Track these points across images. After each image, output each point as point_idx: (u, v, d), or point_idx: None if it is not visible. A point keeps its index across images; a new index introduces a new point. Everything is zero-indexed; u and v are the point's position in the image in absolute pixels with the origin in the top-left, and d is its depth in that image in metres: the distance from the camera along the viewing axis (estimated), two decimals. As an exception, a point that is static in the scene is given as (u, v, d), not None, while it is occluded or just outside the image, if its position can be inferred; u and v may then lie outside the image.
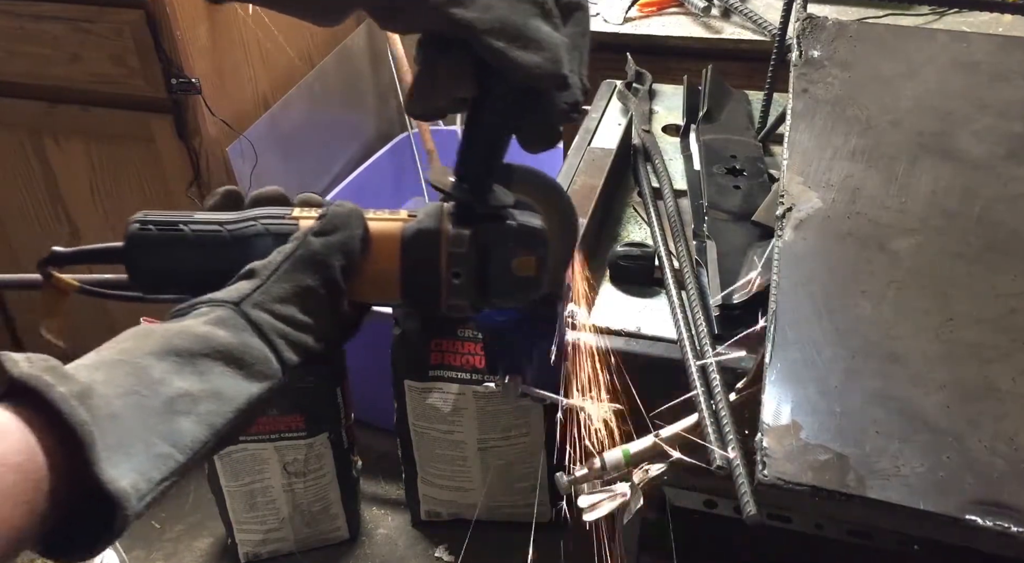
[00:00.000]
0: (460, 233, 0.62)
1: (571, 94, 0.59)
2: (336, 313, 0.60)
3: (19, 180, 2.08)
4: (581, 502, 0.84)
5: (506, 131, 0.62)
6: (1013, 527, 0.63)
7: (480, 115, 0.61)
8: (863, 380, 0.73)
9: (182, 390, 0.52)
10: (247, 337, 0.56)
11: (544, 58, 0.56)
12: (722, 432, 0.77)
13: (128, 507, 0.47)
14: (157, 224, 0.63)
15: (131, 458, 0.48)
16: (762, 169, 1.15)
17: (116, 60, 1.82)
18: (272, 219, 0.64)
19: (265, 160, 2.04)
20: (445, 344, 1.83)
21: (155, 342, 0.53)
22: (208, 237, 0.63)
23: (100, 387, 0.49)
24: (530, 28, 0.56)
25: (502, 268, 0.63)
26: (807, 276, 0.82)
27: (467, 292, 0.63)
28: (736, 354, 0.85)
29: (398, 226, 0.63)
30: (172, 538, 2.08)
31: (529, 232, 0.63)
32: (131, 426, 0.49)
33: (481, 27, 0.55)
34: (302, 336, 0.58)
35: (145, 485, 0.49)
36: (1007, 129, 0.97)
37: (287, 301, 0.58)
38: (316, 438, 1.89)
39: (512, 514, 2.02)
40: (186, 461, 0.51)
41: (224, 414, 0.53)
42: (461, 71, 0.58)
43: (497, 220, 0.63)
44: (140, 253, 0.63)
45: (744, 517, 0.70)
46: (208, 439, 0.52)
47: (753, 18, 1.65)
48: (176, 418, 0.51)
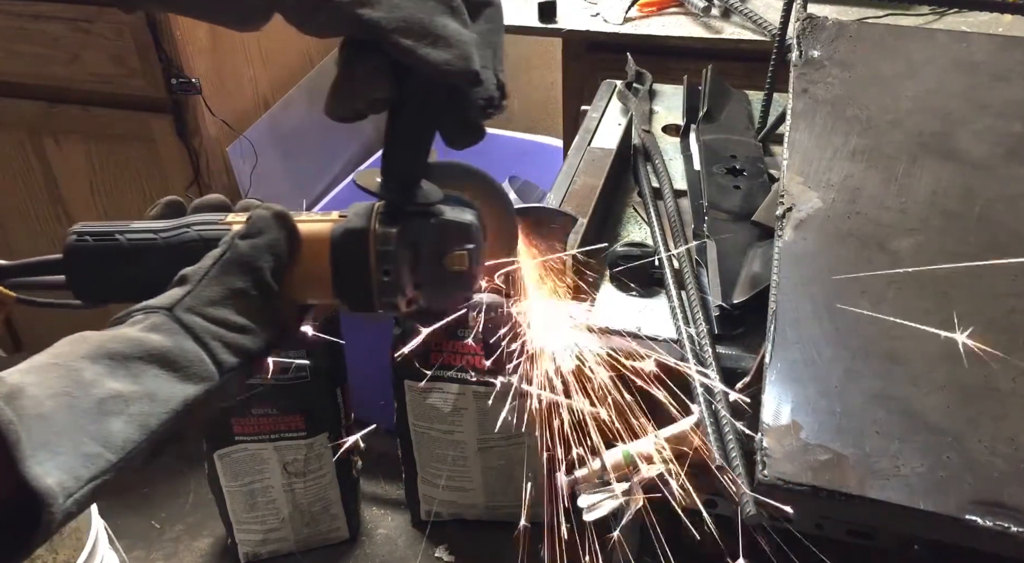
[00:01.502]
0: (387, 231, 0.63)
1: (485, 90, 0.60)
2: (271, 313, 0.61)
3: (19, 180, 2.08)
4: (581, 502, 0.84)
5: (427, 129, 0.63)
6: (1013, 527, 0.63)
7: (400, 114, 0.62)
8: (863, 380, 0.73)
9: (114, 391, 0.52)
10: (181, 340, 0.56)
11: (453, 55, 0.57)
12: (721, 432, 0.77)
13: (54, 504, 0.48)
14: (94, 235, 0.65)
15: (58, 457, 0.49)
16: (762, 169, 1.15)
17: (116, 60, 1.82)
18: (205, 225, 0.65)
19: (265, 160, 2.04)
20: (445, 344, 1.83)
21: (89, 347, 0.54)
22: (143, 245, 0.64)
23: (30, 388, 0.50)
24: (437, 26, 0.57)
25: (433, 264, 0.64)
26: (807, 276, 0.82)
27: (399, 290, 0.63)
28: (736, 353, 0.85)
29: (327, 226, 0.64)
30: (172, 538, 2.08)
31: (458, 226, 0.64)
32: (60, 426, 0.50)
33: (388, 26, 0.56)
34: (237, 337, 0.59)
35: (73, 483, 0.49)
36: (1007, 129, 0.97)
37: (219, 304, 0.59)
38: (316, 438, 1.89)
39: (512, 514, 2.02)
40: (117, 461, 0.51)
41: (158, 415, 0.54)
42: (377, 72, 0.59)
43: (425, 216, 0.64)
44: (78, 264, 0.65)
45: (744, 517, 0.70)
46: (141, 439, 0.53)
47: (753, 18, 1.65)
48: (107, 418, 0.52)
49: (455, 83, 0.59)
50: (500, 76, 0.61)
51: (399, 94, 0.60)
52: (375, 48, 0.58)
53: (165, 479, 2.18)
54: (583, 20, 1.77)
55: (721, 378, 0.83)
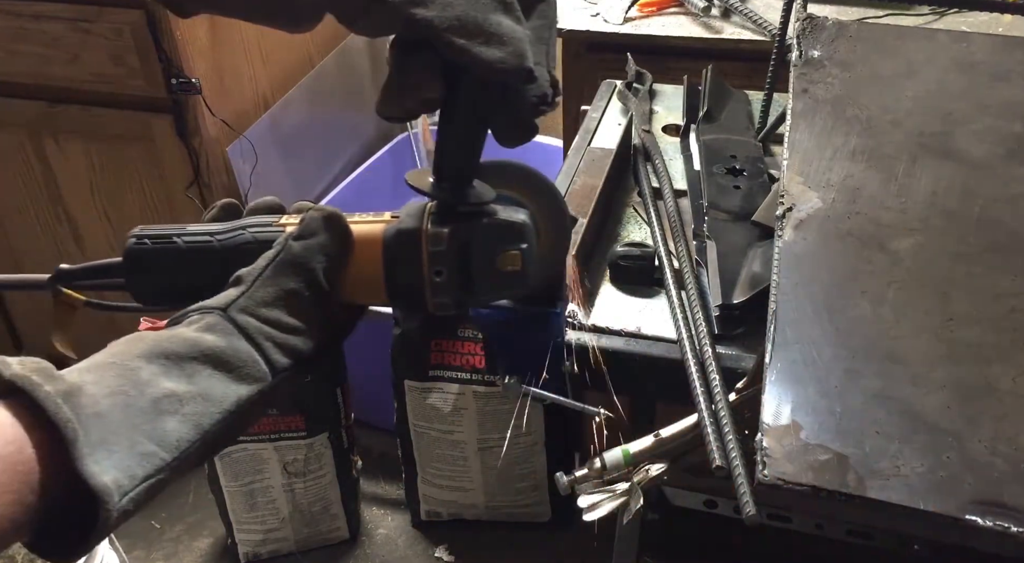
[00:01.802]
0: (439, 231, 0.62)
1: (538, 87, 0.60)
2: (323, 315, 0.61)
3: (19, 180, 2.08)
4: (581, 502, 0.84)
5: (479, 128, 0.62)
6: (1013, 527, 0.63)
7: (451, 114, 0.61)
8: (863, 380, 0.73)
9: (169, 390, 0.53)
10: (235, 341, 0.57)
11: (507, 53, 0.56)
12: (722, 432, 0.77)
13: (110, 503, 0.48)
14: (152, 238, 0.66)
15: (114, 455, 0.49)
16: (762, 169, 1.15)
17: (116, 60, 1.82)
18: (259, 227, 0.66)
19: (265, 160, 2.04)
20: (445, 344, 1.83)
21: (145, 346, 0.55)
22: (200, 248, 0.65)
23: (88, 387, 0.50)
24: (491, 23, 0.56)
25: (485, 264, 0.63)
26: (807, 276, 0.82)
27: (451, 290, 0.63)
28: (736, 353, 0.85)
29: (380, 227, 0.64)
30: (172, 538, 2.08)
31: (510, 226, 0.63)
32: (116, 424, 0.50)
33: (441, 25, 0.55)
34: (290, 338, 0.59)
35: (128, 482, 0.49)
36: (1007, 129, 0.97)
37: (272, 305, 0.59)
38: (316, 438, 1.89)
39: (512, 514, 2.02)
40: (172, 460, 0.52)
41: (212, 415, 0.54)
42: (429, 71, 0.58)
43: (477, 216, 0.64)
44: (137, 267, 0.66)
45: (743, 517, 0.70)
46: (195, 438, 0.53)
47: (753, 18, 1.65)
48: (162, 417, 0.52)
49: (510, 81, 0.58)
50: (553, 73, 0.61)
51: (451, 93, 0.59)
52: (427, 46, 0.57)
53: (165, 479, 2.17)
54: (583, 20, 1.77)
55: (721, 378, 0.83)
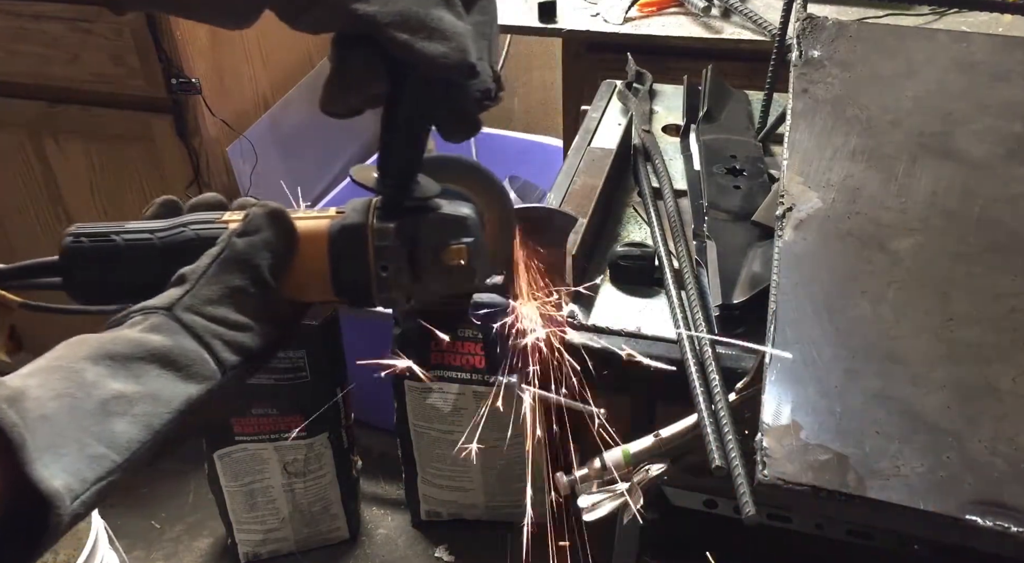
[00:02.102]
0: (384, 226, 0.63)
1: (481, 82, 0.60)
2: (270, 311, 0.61)
3: (19, 180, 2.08)
4: (581, 502, 0.84)
5: (423, 123, 0.62)
6: (1013, 527, 0.63)
7: (395, 109, 0.62)
8: (863, 380, 0.73)
9: (116, 392, 0.52)
10: (182, 340, 0.56)
11: (449, 48, 0.56)
12: (722, 432, 0.77)
13: (62, 507, 0.47)
14: (89, 236, 0.64)
15: (63, 458, 0.49)
16: (762, 169, 1.15)
17: (116, 60, 1.82)
18: (202, 224, 0.65)
19: (265, 160, 2.04)
20: (445, 344, 1.83)
21: (90, 348, 0.54)
22: (139, 246, 0.64)
23: (33, 391, 0.50)
24: (432, 18, 0.56)
25: (431, 258, 0.63)
26: (807, 276, 0.82)
27: (398, 284, 0.63)
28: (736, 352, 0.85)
29: (325, 223, 0.64)
30: (172, 538, 2.08)
31: (455, 220, 0.64)
32: (64, 427, 0.49)
33: (383, 20, 0.56)
34: (237, 335, 0.58)
35: (79, 485, 0.49)
36: (1007, 129, 0.97)
37: (218, 302, 0.58)
38: (316, 438, 1.89)
39: (512, 514, 2.02)
40: (123, 461, 0.51)
41: (161, 415, 0.54)
42: (372, 67, 0.58)
43: (423, 211, 0.64)
44: (74, 266, 0.64)
45: (743, 517, 0.70)
46: (146, 439, 0.53)
47: (753, 18, 1.65)
48: (111, 419, 0.51)
49: (452, 76, 0.58)
50: (495, 68, 0.61)
51: (394, 88, 0.60)
52: (369, 42, 0.57)
53: (165, 479, 2.18)
54: (583, 20, 1.77)
55: (721, 378, 0.83)
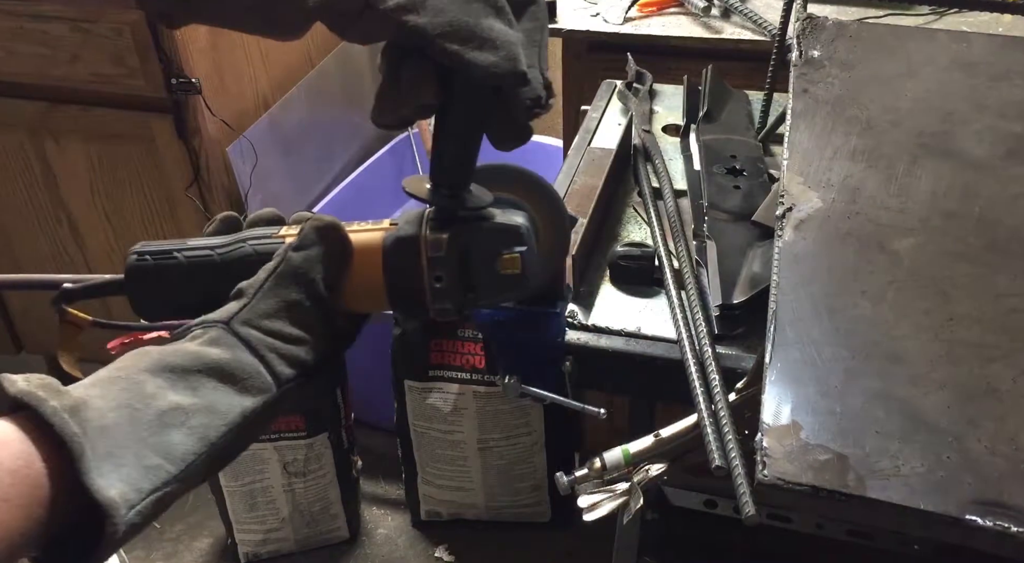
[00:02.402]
0: (437, 237, 0.63)
1: (532, 90, 0.60)
2: (326, 324, 0.61)
3: (19, 180, 2.08)
4: (581, 502, 0.84)
5: (475, 132, 0.62)
6: (1013, 527, 0.63)
7: (447, 119, 0.62)
8: (863, 380, 0.73)
9: (174, 404, 0.53)
10: (239, 353, 0.57)
11: (500, 57, 0.56)
12: (721, 432, 0.77)
13: (117, 516, 0.48)
14: (153, 254, 0.66)
15: (121, 469, 0.49)
16: (762, 169, 1.15)
17: (116, 60, 1.82)
18: (260, 239, 0.66)
19: (265, 160, 2.04)
20: (445, 344, 1.83)
21: (150, 360, 0.55)
22: (200, 262, 0.65)
23: (94, 401, 0.51)
24: (483, 28, 0.56)
25: (485, 268, 0.64)
26: (807, 276, 0.82)
27: (452, 295, 0.63)
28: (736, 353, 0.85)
29: (379, 235, 0.64)
30: (172, 538, 2.08)
31: (508, 230, 0.64)
32: (122, 438, 0.50)
33: (433, 31, 0.55)
34: (293, 349, 0.59)
35: (135, 495, 0.49)
36: (1007, 129, 0.97)
37: (274, 316, 0.59)
38: (316, 438, 1.89)
39: (512, 514, 2.02)
40: (178, 473, 0.52)
41: (218, 427, 0.54)
42: (423, 77, 0.58)
43: (476, 221, 0.64)
44: (139, 284, 0.66)
45: (743, 517, 0.70)
46: (201, 451, 0.53)
47: (753, 18, 1.65)
48: (168, 430, 0.52)
49: (504, 85, 0.58)
50: (546, 74, 0.61)
51: (445, 98, 0.59)
52: (420, 53, 0.57)
53: (165, 479, 2.17)
54: (583, 20, 1.77)
55: (721, 378, 0.83)
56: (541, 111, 0.61)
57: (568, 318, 0.95)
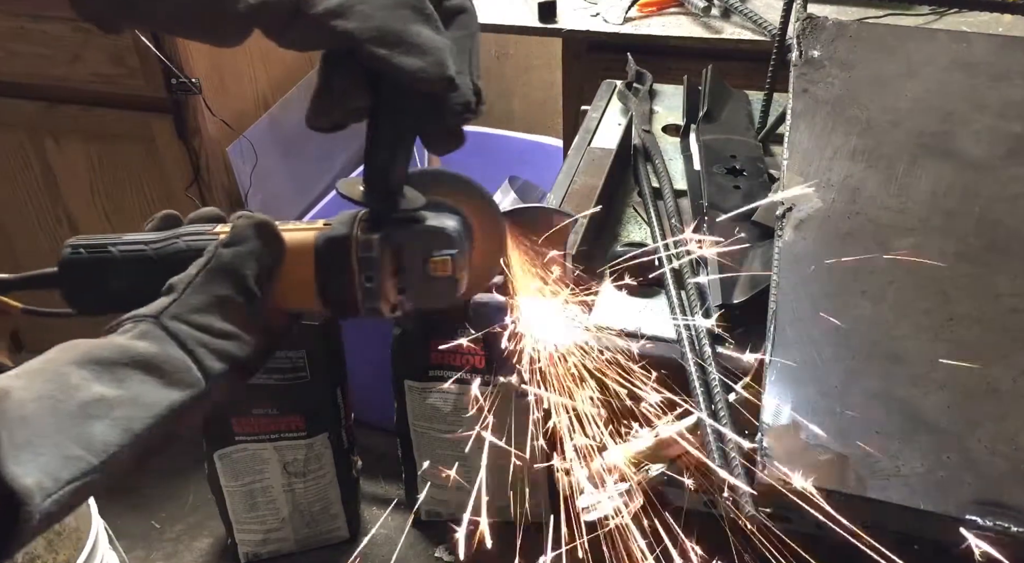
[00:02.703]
0: (368, 238, 0.64)
1: (461, 95, 0.61)
2: (257, 320, 0.62)
3: (19, 180, 2.08)
4: (581, 502, 0.84)
5: (406, 136, 0.64)
6: (1013, 527, 0.63)
7: (378, 123, 0.63)
8: (863, 380, 0.73)
9: (98, 395, 0.53)
10: (167, 347, 0.57)
11: (427, 62, 0.58)
12: (721, 432, 0.77)
13: (31, 504, 0.48)
14: (87, 247, 0.66)
15: (39, 458, 0.49)
16: (762, 169, 1.15)
17: (116, 60, 1.82)
18: (194, 235, 0.67)
19: (265, 160, 2.04)
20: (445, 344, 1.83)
21: (77, 352, 0.55)
22: (134, 256, 0.66)
23: (16, 392, 0.51)
24: (410, 33, 0.58)
25: (415, 269, 0.65)
26: (807, 276, 0.82)
27: (383, 295, 0.64)
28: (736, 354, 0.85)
29: (312, 234, 0.65)
30: (172, 538, 2.08)
31: (439, 232, 0.65)
32: (43, 428, 0.51)
33: (361, 36, 0.57)
34: (223, 344, 0.59)
35: (52, 484, 0.50)
36: (1007, 129, 0.97)
37: (204, 311, 0.59)
38: (316, 438, 1.89)
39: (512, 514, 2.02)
40: (99, 463, 0.52)
41: (143, 419, 0.54)
42: (354, 82, 0.60)
43: (408, 223, 0.65)
44: (72, 276, 0.67)
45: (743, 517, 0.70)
46: (124, 442, 0.53)
47: (753, 18, 1.65)
48: (90, 422, 0.52)
49: (432, 90, 0.59)
50: (477, 81, 0.62)
51: (377, 103, 0.61)
52: (351, 58, 0.59)
53: (165, 479, 2.17)
54: (583, 20, 1.77)
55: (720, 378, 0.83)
56: (471, 116, 0.63)
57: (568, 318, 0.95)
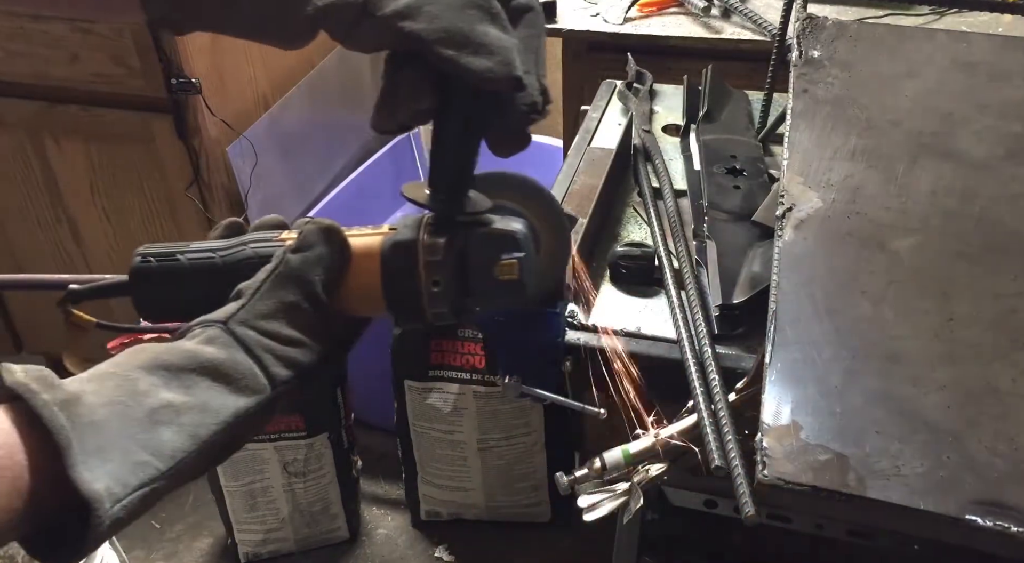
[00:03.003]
0: (435, 242, 0.63)
1: (528, 95, 0.60)
2: (324, 327, 0.62)
3: (19, 180, 2.08)
4: (581, 502, 0.84)
5: (472, 138, 0.63)
6: (1013, 527, 0.63)
7: (444, 125, 0.62)
8: (863, 380, 0.73)
9: (166, 401, 0.53)
10: (235, 353, 0.58)
11: (495, 62, 0.57)
12: (721, 432, 0.77)
13: (100, 509, 0.49)
14: (157, 256, 0.67)
15: (108, 463, 0.50)
16: (762, 169, 1.15)
17: (116, 60, 1.82)
18: (260, 242, 0.67)
19: (265, 160, 2.04)
20: (445, 344, 1.83)
21: (146, 357, 0.56)
22: (203, 264, 0.66)
23: (87, 397, 0.51)
24: (477, 34, 0.57)
25: (482, 273, 0.64)
26: (807, 276, 0.82)
27: (449, 299, 0.64)
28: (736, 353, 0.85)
29: (378, 240, 0.65)
30: (172, 538, 2.08)
31: (506, 235, 0.64)
32: (112, 433, 0.51)
33: (429, 37, 0.56)
34: (289, 350, 0.59)
35: (120, 489, 0.50)
36: (1007, 129, 0.97)
37: (271, 317, 0.59)
38: (316, 438, 1.89)
39: (512, 514, 2.02)
40: (166, 469, 0.53)
41: (208, 426, 0.55)
42: (420, 84, 0.59)
43: (474, 226, 0.64)
44: (142, 285, 0.67)
45: (743, 517, 0.70)
46: (191, 449, 0.54)
47: (753, 18, 1.65)
48: (158, 428, 0.53)
49: (499, 90, 0.59)
50: (543, 81, 0.62)
51: (442, 104, 0.60)
52: (417, 59, 0.58)
53: (165, 479, 2.17)
54: (583, 20, 1.77)
55: (720, 378, 0.83)
56: (538, 117, 0.62)
57: (568, 318, 0.95)
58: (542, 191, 0.70)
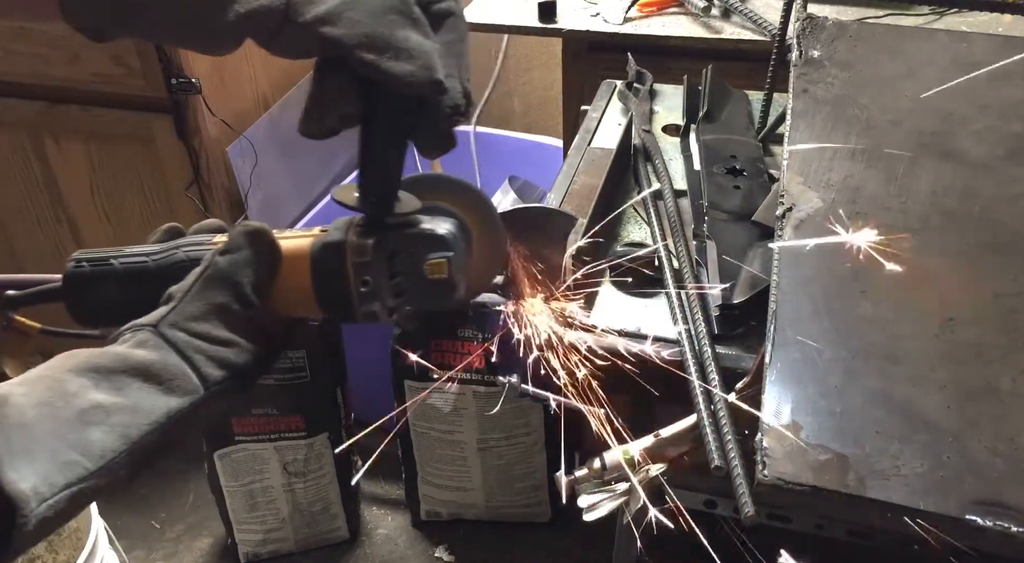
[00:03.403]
0: (363, 243, 0.64)
1: (450, 98, 0.61)
2: (256, 327, 0.62)
3: (19, 180, 2.08)
4: (581, 502, 0.84)
5: (398, 141, 0.64)
6: (1013, 527, 0.63)
7: (371, 129, 0.63)
8: (863, 380, 0.73)
9: (95, 402, 0.54)
10: (166, 355, 0.58)
11: (416, 66, 0.58)
12: (721, 432, 0.77)
13: (26, 508, 0.49)
14: (91, 261, 0.68)
15: (35, 463, 0.50)
16: (762, 169, 1.15)
17: (116, 60, 1.82)
18: (193, 246, 0.68)
19: (265, 160, 2.04)
20: (445, 344, 1.83)
21: (77, 361, 0.56)
22: (136, 268, 0.67)
23: (15, 398, 0.52)
24: (398, 39, 0.58)
25: (412, 272, 0.65)
26: (807, 276, 0.82)
27: (379, 299, 0.64)
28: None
29: (308, 241, 0.66)
30: (172, 538, 2.08)
31: (433, 235, 0.65)
32: (40, 434, 0.51)
33: (350, 42, 0.57)
34: (221, 351, 0.60)
35: (47, 489, 0.50)
36: (1007, 129, 0.97)
37: (201, 319, 0.60)
38: (316, 438, 1.89)
39: (512, 514, 2.02)
40: (96, 469, 0.53)
41: (140, 426, 0.55)
42: (345, 88, 0.60)
43: (403, 227, 0.65)
44: (77, 290, 0.68)
45: (743, 517, 0.70)
46: (121, 448, 0.54)
47: (753, 18, 1.65)
48: (87, 428, 0.53)
49: (421, 94, 0.60)
50: (466, 84, 0.63)
51: (368, 108, 0.61)
52: (342, 65, 0.59)
53: (165, 479, 2.18)
54: (583, 20, 1.77)
55: (720, 378, 0.83)
56: (461, 119, 0.63)
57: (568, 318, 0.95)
58: (477, 192, 0.71)
